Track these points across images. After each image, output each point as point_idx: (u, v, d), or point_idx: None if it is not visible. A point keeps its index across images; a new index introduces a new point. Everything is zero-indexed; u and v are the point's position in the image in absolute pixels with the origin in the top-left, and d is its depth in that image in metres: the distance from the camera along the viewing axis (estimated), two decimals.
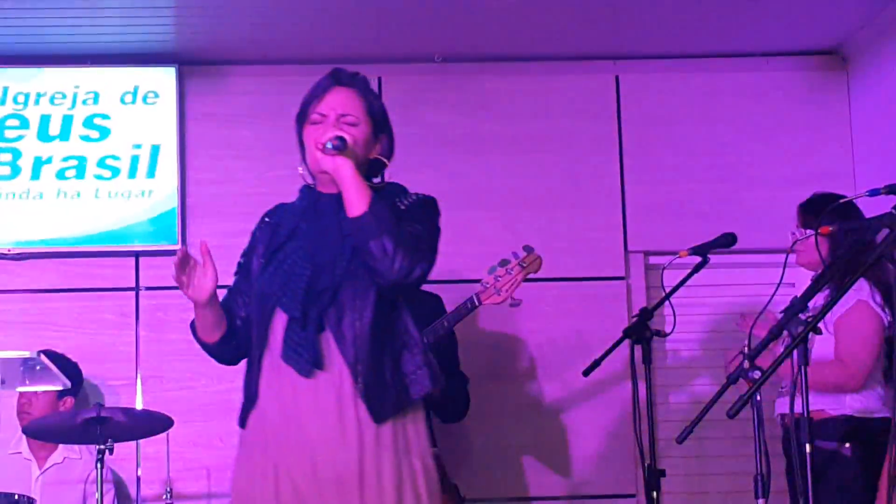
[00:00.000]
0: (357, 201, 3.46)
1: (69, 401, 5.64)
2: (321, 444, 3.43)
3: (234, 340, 3.65)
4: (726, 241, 5.23)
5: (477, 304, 5.07)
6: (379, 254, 3.42)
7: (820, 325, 3.67)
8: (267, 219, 3.71)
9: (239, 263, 3.72)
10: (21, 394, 5.52)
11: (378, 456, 3.43)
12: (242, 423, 3.57)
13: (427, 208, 3.64)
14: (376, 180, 3.66)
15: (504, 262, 5.09)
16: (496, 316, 5.96)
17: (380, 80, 6.31)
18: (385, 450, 3.44)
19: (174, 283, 3.56)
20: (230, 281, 3.71)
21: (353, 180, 3.47)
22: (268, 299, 3.53)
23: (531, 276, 5.11)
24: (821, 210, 4.55)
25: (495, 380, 6.10)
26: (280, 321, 3.50)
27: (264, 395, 3.52)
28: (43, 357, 4.01)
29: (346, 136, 3.51)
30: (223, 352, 3.69)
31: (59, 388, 4.59)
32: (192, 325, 3.67)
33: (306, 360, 3.45)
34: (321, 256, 3.52)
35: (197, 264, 3.54)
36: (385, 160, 3.66)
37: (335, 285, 3.48)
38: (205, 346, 3.67)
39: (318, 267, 3.51)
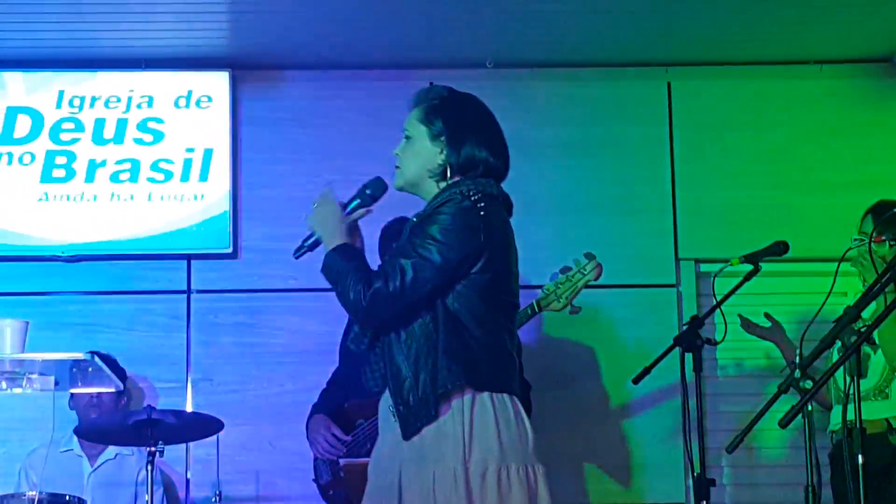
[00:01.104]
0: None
1: (124, 401, 5.71)
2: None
3: None
4: (778, 249, 5.20)
5: (537, 310, 5.07)
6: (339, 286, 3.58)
7: None
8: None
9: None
10: (90, 393, 5.58)
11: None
12: None
13: (438, 213, 3.61)
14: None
15: (565, 269, 5.09)
16: (554, 322, 5.95)
17: (431, 84, 6.30)
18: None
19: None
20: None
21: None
22: None
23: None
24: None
25: (551, 387, 6.09)
26: None
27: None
28: (96, 359, 4.04)
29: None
30: None
31: (112, 389, 4.62)
32: None
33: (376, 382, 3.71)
34: None
35: None
36: (450, 163, 3.71)
37: None
38: None
39: None
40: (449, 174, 3.71)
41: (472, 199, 3.63)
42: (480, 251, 3.63)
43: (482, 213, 3.64)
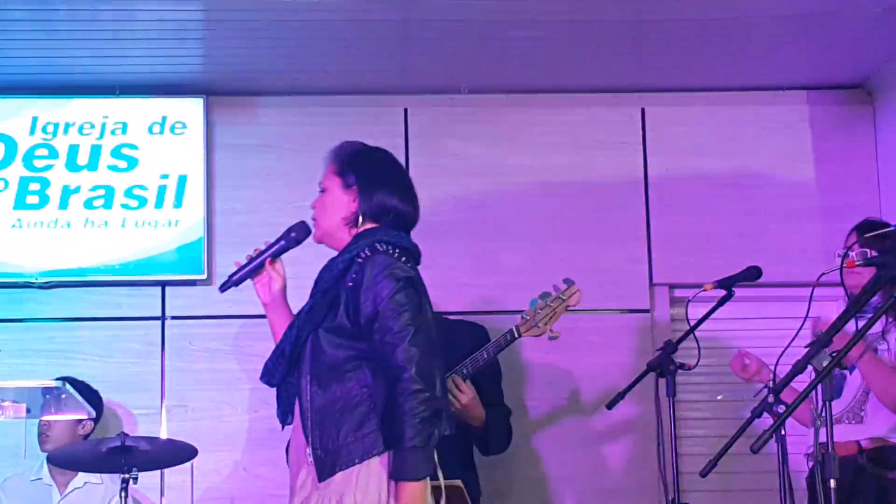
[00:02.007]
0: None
1: (88, 425, 5.64)
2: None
3: None
4: (751, 275, 5.23)
5: (516, 335, 5.08)
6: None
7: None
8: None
9: None
10: (42, 420, 5.55)
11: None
12: None
13: (380, 280, 3.78)
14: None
15: (544, 295, 5.11)
16: (532, 347, 5.96)
17: (406, 111, 6.34)
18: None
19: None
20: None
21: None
22: None
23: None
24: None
25: (529, 411, 6.11)
26: None
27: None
28: (67, 385, 4.03)
29: None
30: None
31: (84, 416, 4.60)
32: None
33: (281, 416, 3.94)
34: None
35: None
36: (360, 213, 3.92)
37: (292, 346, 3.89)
38: None
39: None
40: (361, 221, 3.91)
41: (393, 255, 3.84)
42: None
43: (411, 272, 3.87)
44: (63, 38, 5.66)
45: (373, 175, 3.95)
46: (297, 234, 4.04)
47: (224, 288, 4.07)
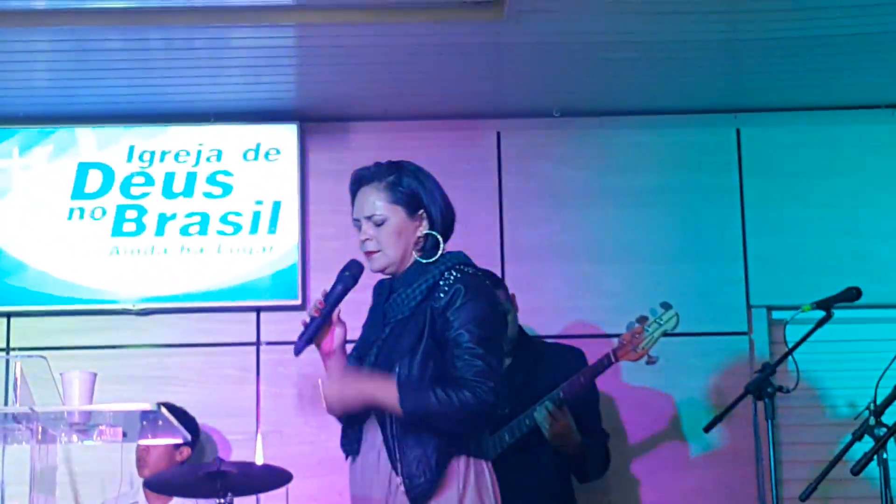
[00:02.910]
0: (390, 405, 3.67)
1: (185, 451, 5.69)
2: None
3: None
4: (851, 296, 5.14)
5: (613, 360, 5.04)
6: (437, 412, 3.61)
7: None
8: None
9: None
10: (139, 445, 5.59)
11: None
12: None
13: (471, 299, 3.71)
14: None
15: (642, 319, 5.07)
16: (631, 371, 5.91)
17: (498, 134, 6.33)
18: None
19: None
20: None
21: (372, 396, 3.71)
22: None
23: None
24: None
25: (625, 435, 6.06)
26: None
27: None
28: (164, 410, 4.05)
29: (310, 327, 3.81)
30: None
31: (180, 441, 4.63)
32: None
33: (347, 447, 3.85)
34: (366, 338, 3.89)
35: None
36: (435, 234, 3.84)
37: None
38: None
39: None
40: (428, 243, 3.85)
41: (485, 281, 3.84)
42: None
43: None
44: (158, 66, 5.73)
45: (429, 193, 3.91)
46: (352, 273, 3.89)
47: (298, 352, 3.88)
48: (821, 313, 5.07)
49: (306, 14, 5.27)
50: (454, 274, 3.74)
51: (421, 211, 3.84)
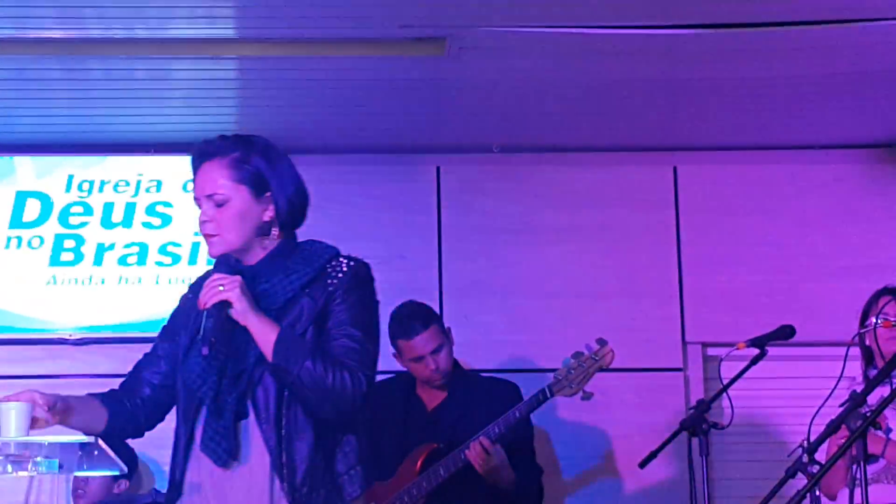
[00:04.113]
0: (264, 346, 3.29)
1: (123, 484, 5.65)
2: None
3: (129, 416, 3.58)
4: (785, 334, 5.19)
5: (549, 395, 5.06)
6: (308, 382, 3.25)
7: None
8: (190, 294, 3.58)
9: (164, 327, 3.62)
10: (76, 476, 5.54)
11: None
12: None
13: (360, 286, 3.42)
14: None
15: (577, 355, 5.09)
16: (566, 406, 5.93)
17: (438, 169, 6.36)
18: None
19: None
20: None
21: (253, 326, 3.30)
22: (191, 389, 3.40)
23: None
24: None
25: (562, 471, 6.08)
26: (203, 409, 3.39)
27: (188, 485, 3.42)
28: (100, 442, 4.02)
29: (225, 296, 3.29)
30: (122, 431, 3.62)
31: (116, 472, 4.59)
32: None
33: (224, 449, 3.32)
34: (241, 336, 3.35)
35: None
36: (278, 218, 3.43)
37: (251, 367, 3.33)
38: (102, 437, 3.46)
39: (236, 348, 3.35)
40: (275, 230, 3.45)
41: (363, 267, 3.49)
42: None
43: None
44: (98, 96, 5.71)
45: (280, 175, 3.48)
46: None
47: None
48: (755, 350, 5.12)
49: (248, 47, 5.27)
50: (346, 261, 3.43)
51: (268, 193, 3.41)
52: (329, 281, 3.39)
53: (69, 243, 6.14)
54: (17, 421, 3.53)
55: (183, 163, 6.15)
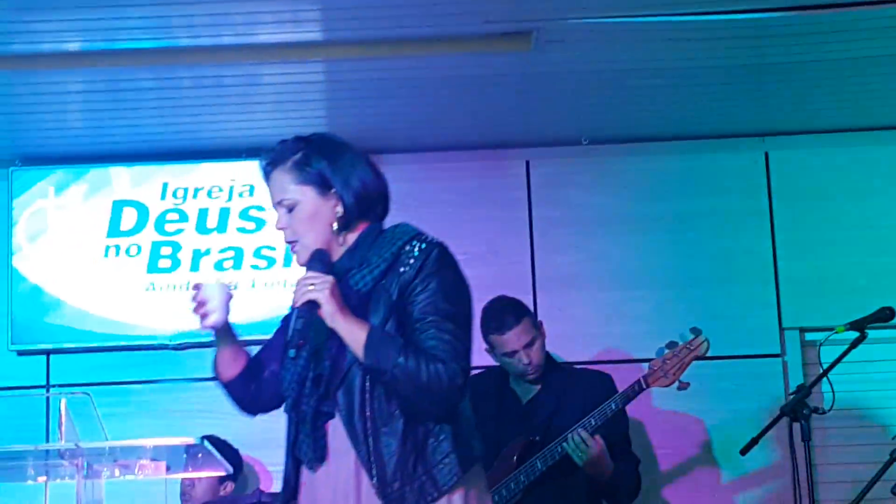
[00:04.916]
0: (355, 347, 3.23)
1: (230, 486, 5.72)
2: None
3: (253, 384, 3.56)
4: (884, 316, 5.13)
5: (644, 386, 5.04)
6: (403, 380, 3.18)
7: None
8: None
9: (283, 318, 3.60)
10: (184, 479, 5.62)
11: None
12: None
13: (439, 270, 3.30)
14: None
15: (672, 345, 5.07)
16: (662, 396, 5.91)
17: (527, 163, 6.37)
18: None
19: None
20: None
21: (341, 328, 3.24)
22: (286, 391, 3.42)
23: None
24: None
25: (657, 461, 6.06)
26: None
27: (295, 487, 3.43)
28: (206, 443, 4.09)
29: (313, 296, 3.24)
30: (240, 392, 3.58)
31: (222, 473, 4.65)
32: (214, 365, 3.59)
33: (311, 451, 3.33)
34: (324, 344, 3.33)
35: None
36: (347, 212, 3.36)
37: (330, 371, 3.30)
38: (223, 385, 3.57)
39: (317, 354, 3.33)
40: (348, 223, 3.39)
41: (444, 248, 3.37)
42: None
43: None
44: (189, 104, 5.78)
45: (341, 167, 3.40)
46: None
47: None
48: (855, 334, 5.07)
49: (335, 49, 5.30)
50: (419, 245, 3.32)
51: (333, 189, 3.35)
52: (402, 269, 3.29)
53: (166, 250, 6.23)
54: (220, 297, 3.52)
55: None
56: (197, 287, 3.48)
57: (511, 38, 5.20)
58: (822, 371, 5.04)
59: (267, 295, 6.18)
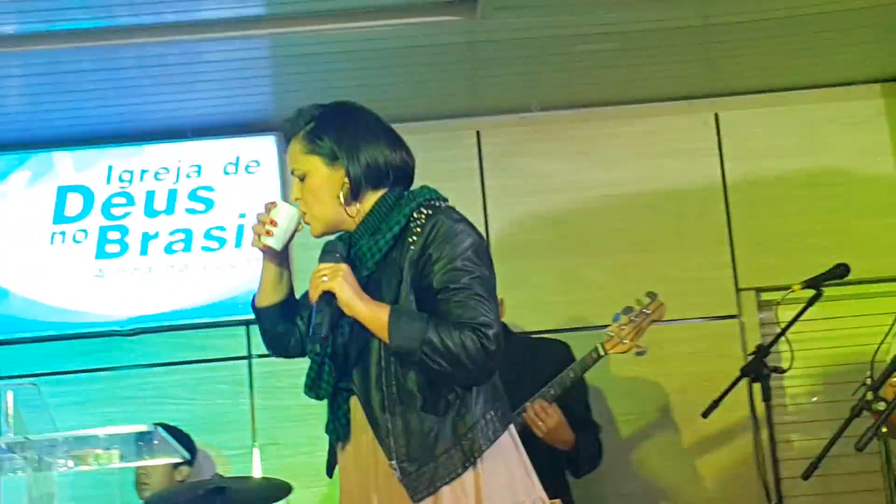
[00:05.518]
0: (379, 332, 3.16)
1: (184, 471, 5.67)
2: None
3: (283, 324, 3.46)
4: (839, 273, 5.14)
5: (602, 353, 5.02)
6: (433, 356, 3.10)
7: None
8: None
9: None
10: (138, 468, 5.57)
11: None
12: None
13: (449, 235, 3.21)
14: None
15: (627, 310, 5.06)
16: (619, 362, 5.90)
17: (478, 133, 6.33)
18: None
19: None
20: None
21: (361, 314, 3.17)
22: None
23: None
24: None
25: (621, 427, 6.06)
26: None
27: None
28: (159, 430, 4.04)
29: (327, 287, 3.21)
30: (270, 325, 3.47)
31: (178, 460, 4.61)
32: (257, 288, 3.49)
33: (334, 430, 3.31)
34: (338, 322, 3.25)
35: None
36: (353, 182, 3.28)
37: (344, 349, 3.26)
38: (255, 312, 3.47)
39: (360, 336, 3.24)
40: (356, 194, 3.31)
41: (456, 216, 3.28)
42: None
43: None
44: (132, 84, 5.71)
45: (350, 134, 3.33)
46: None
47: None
48: (811, 292, 5.07)
49: (278, 23, 5.25)
50: (425, 211, 3.25)
51: (337, 162, 3.29)
52: (411, 238, 3.22)
53: (114, 235, 6.15)
54: (289, 225, 3.38)
55: (221, 146, 6.22)
56: (272, 203, 3.38)
57: (457, 5, 5.17)
58: (780, 330, 5.04)
59: (219, 276, 6.11)
